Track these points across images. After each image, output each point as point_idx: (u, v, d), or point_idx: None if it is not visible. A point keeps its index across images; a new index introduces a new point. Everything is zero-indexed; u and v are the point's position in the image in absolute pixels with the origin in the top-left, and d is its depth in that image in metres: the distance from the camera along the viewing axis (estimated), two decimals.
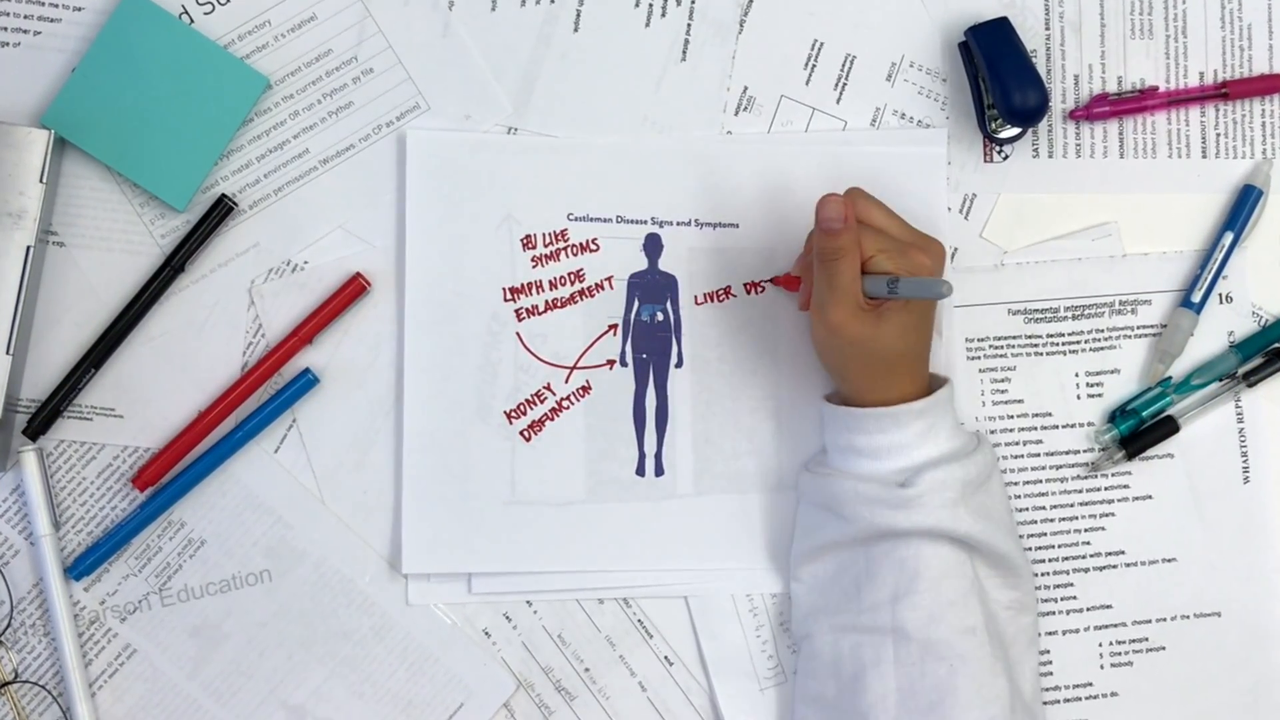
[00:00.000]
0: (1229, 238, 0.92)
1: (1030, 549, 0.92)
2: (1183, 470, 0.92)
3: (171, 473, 0.90)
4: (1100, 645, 0.92)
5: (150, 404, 0.90)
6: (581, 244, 0.91)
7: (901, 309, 0.82)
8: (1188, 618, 0.92)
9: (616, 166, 0.91)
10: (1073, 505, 0.92)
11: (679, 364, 0.92)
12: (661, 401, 0.91)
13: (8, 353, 0.86)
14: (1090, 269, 0.93)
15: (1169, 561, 0.92)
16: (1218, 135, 0.94)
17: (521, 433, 0.91)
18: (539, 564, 0.91)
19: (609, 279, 0.92)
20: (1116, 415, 0.92)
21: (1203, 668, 0.92)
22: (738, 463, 0.91)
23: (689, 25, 0.92)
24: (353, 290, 0.90)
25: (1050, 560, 0.92)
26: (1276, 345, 0.93)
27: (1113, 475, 0.92)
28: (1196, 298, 0.92)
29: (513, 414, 0.91)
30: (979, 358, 0.92)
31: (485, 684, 0.91)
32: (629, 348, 0.92)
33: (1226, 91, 0.93)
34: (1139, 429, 0.92)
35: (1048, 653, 0.92)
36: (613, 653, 0.92)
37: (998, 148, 0.93)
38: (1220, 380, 0.92)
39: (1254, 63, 0.94)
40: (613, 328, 0.92)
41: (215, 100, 0.89)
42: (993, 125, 0.91)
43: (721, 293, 0.92)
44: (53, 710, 0.90)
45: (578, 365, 0.91)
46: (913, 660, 0.81)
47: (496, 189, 0.91)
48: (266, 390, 0.91)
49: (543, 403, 0.91)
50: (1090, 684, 0.92)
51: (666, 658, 0.92)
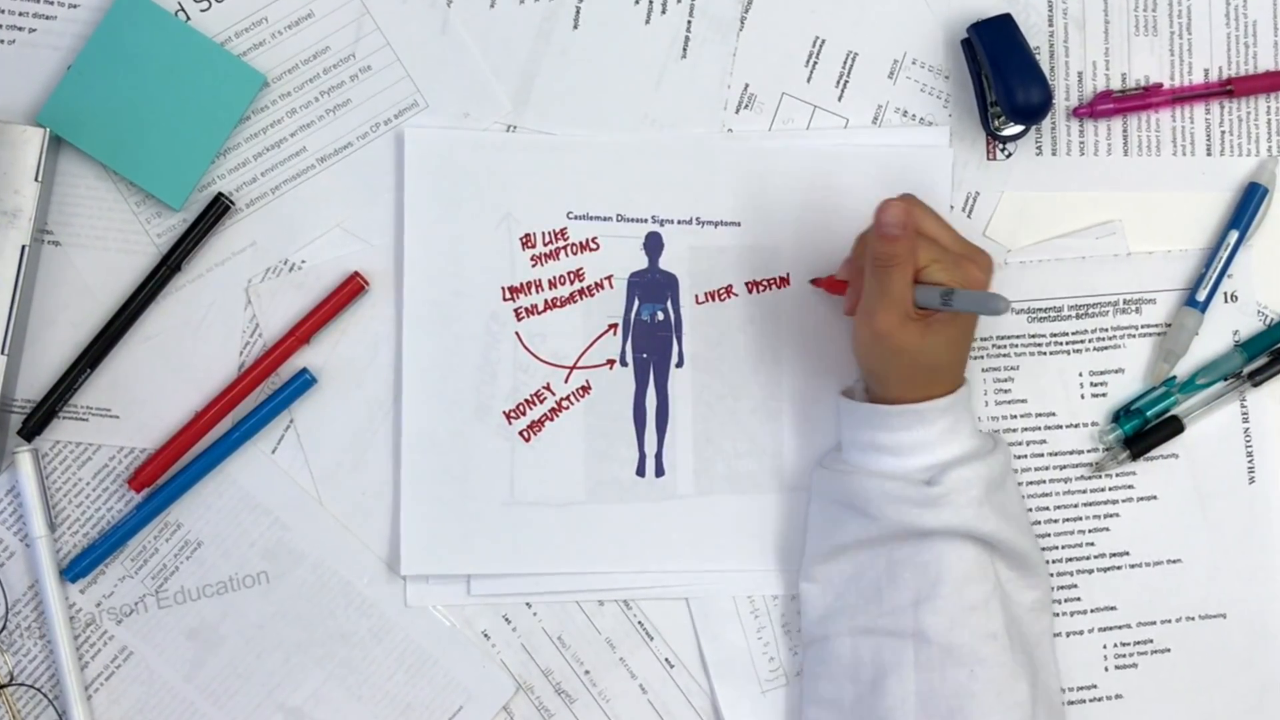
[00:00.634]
0: (1234, 236, 0.92)
1: None
2: (1187, 470, 0.92)
3: (168, 474, 0.90)
4: (1104, 647, 0.91)
5: (146, 404, 0.90)
6: (581, 243, 0.91)
7: (950, 321, 0.81)
8: (1193, 619, 0.92)
9: (616, 165, 0.91)
10: (1076, 506, 0.92)
11: (680, 364, 0.91)
12: (662, 401, 0.91)
13: (3, 353, 0.86)
14: (1094, 268, 0.92)
15: (1174, 562, 0.92)
16: (1223, 133, 0.93)
17: (521, 433, 0.91)
18: (539, 565, 0.90)
19: (609, 278, 0.91)
20: (1121, 415, 0.92)
21: (1208, 670, 0.92)
22: (739, 463, 0.91)
23: (689, 22, 0.92)
24: (350, 289, 0.90)
25: (1054, 561, 0.91)
26: None
27: (1117, 475, 0.92)
28: (1201, 296, 0.91)
29: (512, 414, 0.90)
30: (982, 357, 0.92)
31: (484, 686, 0.91)
32: (629, 347, 0.91)
33: (1231, 89, 0.92)
34: (1143, 429, 0.91)
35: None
36: (613, 655, 0.91)
37: (1001, 145, 0.93)
38: (1225, 380, 0.92)
39: (1259, 59, 0.93)
40: (613, 327, 0.91)
41: (212, 98, 0.89)
42: (996, 123, 0.91)
43: (722, 292, 0.92)
44: (48, 713, 0.89)
45: (577, 365, 0.91)
46: (933, 665, 0.81)
47: (495, 187, 0.91)
48: (264, 390, 0.90)
49: (542, 403, 0.91)
50: (1094, 686, 0.91)
51: (667, 660, 0.91)
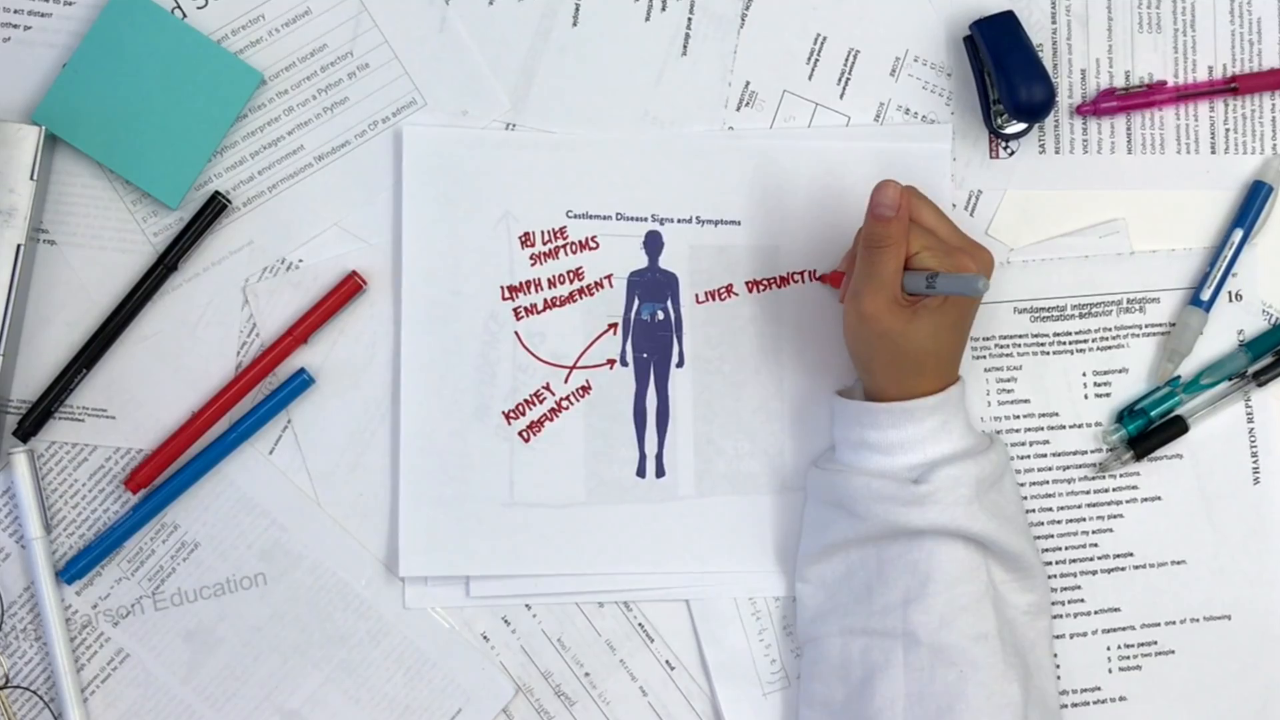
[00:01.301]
0: (1238, 235, 0.91)
1: None
2: (1192, 471, 0.92)
3: (164, 475, 0.89)
4: (1108, 649, 0.91)
5: (143, 405, 0.90)
6: (581, 242, 0.91)
7: (937, 308, 0.81)
8: (1197, 621, 0.91)
9: (616, 163, 0.91)
10: (1080, 506, 0.91)
11: (680, 363, 0.91)
12: (662, 401, 0.91)
13: None
14: (1098, 266, 0.92)
15: (1178, 563, 0.92)
16: (1227, 130, 0.93)
17: (520, 433, 0.90)
18: (538, 567, 0.90)
19: (609, 277, 0.91)
20: (1124, 415, 0.91)
21: (1212, 671, 0.91)
22: (740, 463, 0.90)
23: (689, 19, 0.91)
24: (348, 289, 0.89)
25: (1057, 562, 0.91)
26: None
27: (1121, 476, 0.92)
28: (1206, 296, 0.91)
29: (511, 414, 0.90)
30: (984, 357, 0.92)
31: (484, 689, 0.90)
32: (629, 347, 0.91)
33: (1236, 86, 0.92)
34: (1147, 429, 0.91)
35: (1055, 656, 0.90)
36: (613, 657, 0.91)
37: (1003, 143, 0.92)
38: (1230, 379, 0.92)
39: (1263, 57, 0.93)
40: (612, 327, 0.91)
41: (208, 96, 0.88)
42: (998, 121, 0.90)
43: (723, 291, 0.91)
44: (44, 716, 0.89)
45: (577, 365, 0.91)
46: (922, 665, 0.80)
47: (494, 186, 0.90)
48: (261, 391, 0.90)
49: (542, 403, 0.90)
50: (1098, 688, 0.91)
51: (668, 662, 0.91)
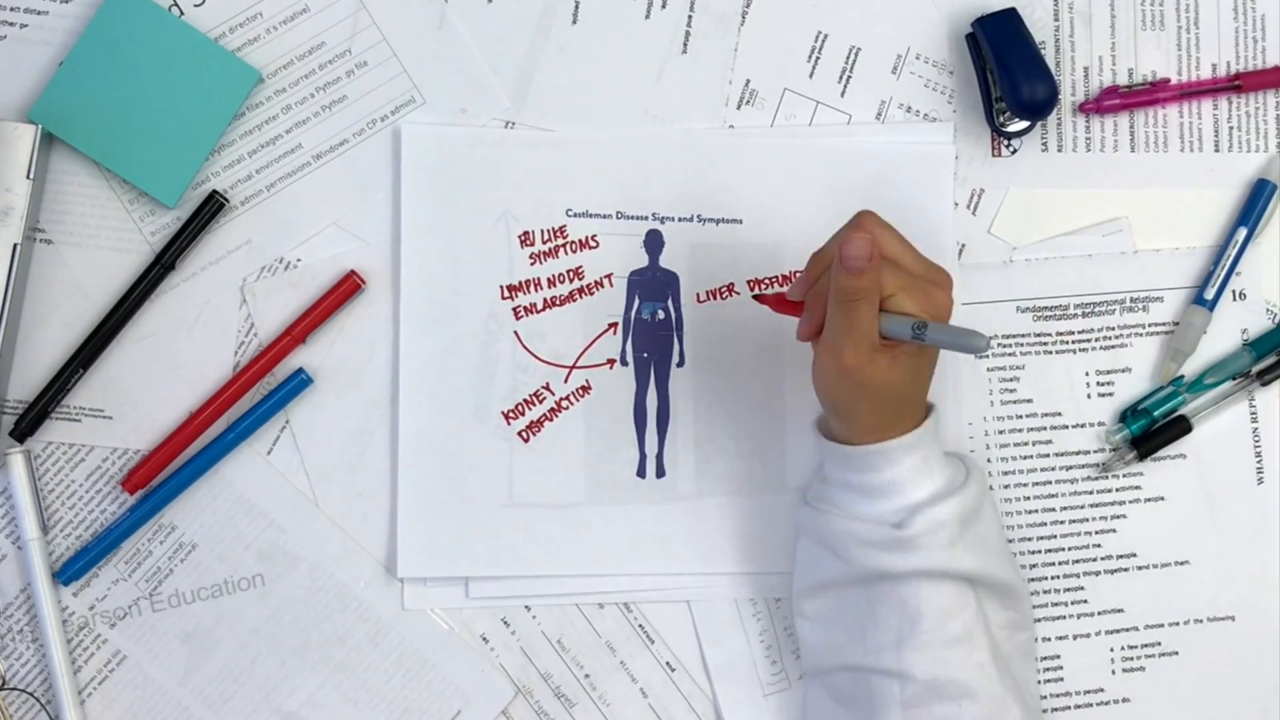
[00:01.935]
0: (1242, 233, 0.91)
1: (1040, 552, 0.91)
2: (1195, 471, 0.91)
3: (162, 475, 0.89)
4: (1111, 650, 0.91)
5: (140, 405, 0.89)
6: (580, 241, 0.90)
7: (917, 352, 0.78)
8: (1201, 621, 0.91)
9: (616, 162, 0.90)
10: (1083, 507, 0.91)
11: (680, 363, 0.90)
12: (663, 401, 0.90)
13: None
14: (1101, 265, 0.91)
15: (1182, 564, 0.91)
16: (1231, 128, 0.93)
17: (520, 433, 0.90)
18: (538, 568, 0.89)
19: (609, 276, 0.90)
20: (1128, 415, 0.91)
21: (1217, 673, 0.91)
22: (741, 464, 0.90)
23: (690, 17, 0.91)
24: (347, 288, 0.89)
25: (1060, 563, 0.91)
26: None
27: (1124, 476, 0.91)
28: (1209, 295, 0.91)
29: (511, 414, 0.90)
30: (987, 356, 0.91)
31: (483, 691, 0.90)
32: (629, 346, 0.90)
33: (1239, 84, 0.92)
34: (1151, 429, 0.91)
35: (1058, 658, 0.91)
36: (613, 659, 0.90)
37: (1006, 142, 0.92)
38: (1234, 379, 0.91)
39: (1267, 54, 0.93)
40: (613, 326, 0.90)
41: (206, 94, 0.88)
42: (1001, 119, 0.90)
43: (724, 290, 0.91)
44: (41, 718, 0.89)
45: (577, 364, 0.90)
46: (920, 702, 0.79)
47: (493, 184, 0.90)
48: (259, 391, 0.90)
49: (541, 403, 0.90)
50: (1101, 690, 0.91)
51: (668, 664, 0.91)
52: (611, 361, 0.91)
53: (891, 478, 0.80)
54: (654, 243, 0.91)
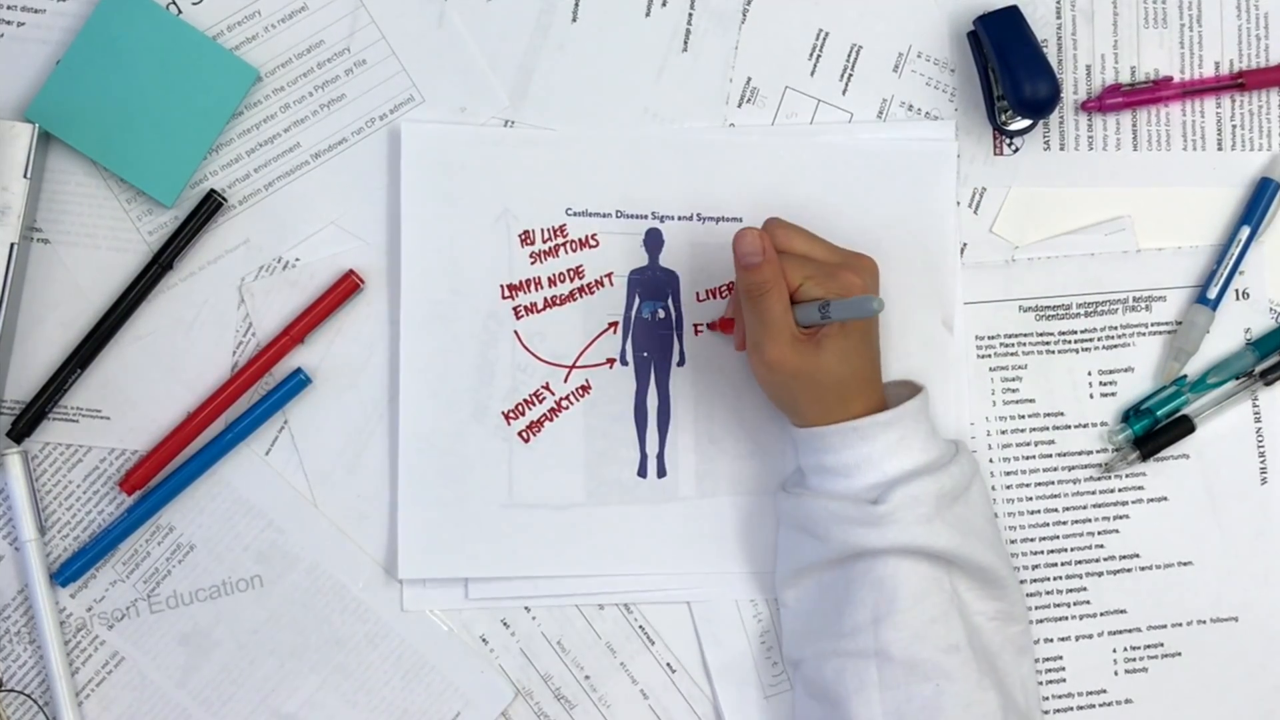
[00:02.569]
0: (1245, 232, 0.91)
1: (1042, 552, 0.91)
2: (1199, 471, 0.91)
3: (160, 476, 0.89)
4: (1114, 651, 0.90)
5: (138, 405, 0.89)
6: (580, 240, 0.90)
7: (839, 334, 0.80)
8: (1204, 622, 0.91)
9: (616, 160, 0.90)
10: (1085, 507, 0.91)
11: (681, 362, 0.90)
12: (663, 401, 0.90)
13: None
14: (1103, 264, 0.91)
15: (1185, 565, 0.91)
16: (1234, 127, 0.92)
17: (520, 434, 0.89)
18: (537, 569, 0.89)
19: (609, 275, 0.90)
20: (1130, 415, 0.91)
21: (1219, 674, 0.91)
22: (742, 463, 0.90)
23: (690, 15, 0.91)
24: (346, 288, 0.89)
25: (1063, 564, 0.90)
26: None
27: (1127, 476, 0.91)
28: (1212, 294, 0.91)
29: (511, 414, 0.89)
30: (989, 356, 0.91)
31: (483, 692, 0.90)
32: (629, 346, 0.90)
33: (1243, 82, 0.91)
34: (1153, 429, 0.90)
35: (1060, 659, 0.90)
36: (613, 660, 0.90)
37: (1008, 140, 0.91)
38: (1237, 378, 0.91)
39: (1270, 52, 0.93)
40: (613, 325, 0.90)
41: (204, 93, 0.88)
42: (1003, 117, 0.90)
43: (724, 289, 0.90)
44: (39, 719, 0.89)
45: (577, 364, 0.90)
46: (898, 682, 0.80)
47: (493, 183, 0.89)
48: (257, 391, 0.89)
49: (541, 403, 0.90)
50: (1104, 691, 0.90)
51: (668, 665, 0.90)
52: (611, 361, 0.90)
53: (864, 454, 0.81)
54: (654, 241, 0.90)
